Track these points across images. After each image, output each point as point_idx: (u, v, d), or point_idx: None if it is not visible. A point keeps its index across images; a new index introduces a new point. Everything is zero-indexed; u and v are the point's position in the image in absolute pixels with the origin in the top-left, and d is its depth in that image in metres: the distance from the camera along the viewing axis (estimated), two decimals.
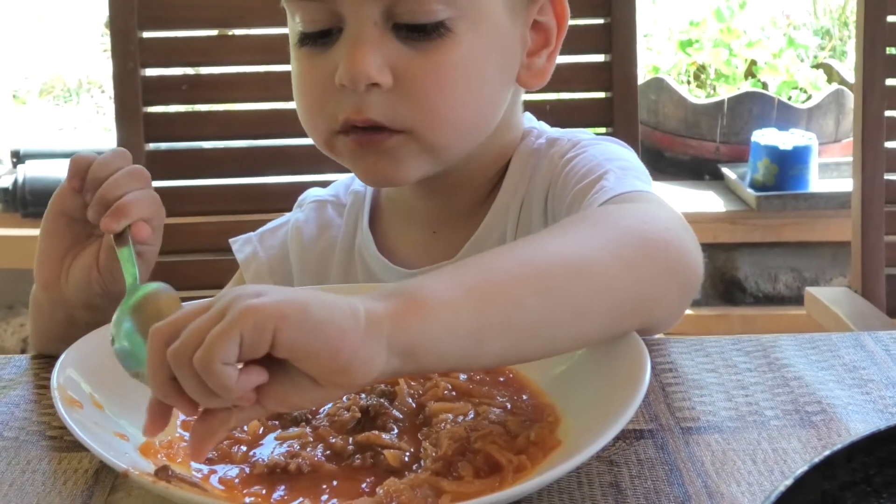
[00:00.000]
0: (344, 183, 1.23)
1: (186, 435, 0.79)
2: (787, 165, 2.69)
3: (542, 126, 1.15)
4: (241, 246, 1.21)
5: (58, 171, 2.58)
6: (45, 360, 0.97)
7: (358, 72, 0.96)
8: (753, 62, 3.08)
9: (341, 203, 1.20)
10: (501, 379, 0.86)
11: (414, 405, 0.82)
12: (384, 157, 1.01)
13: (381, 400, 0.81)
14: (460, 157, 1.05)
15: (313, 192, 1.24)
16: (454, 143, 1.03)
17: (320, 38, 1.00)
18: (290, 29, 1.05)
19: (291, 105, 1.60)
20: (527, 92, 1.12)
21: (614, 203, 0.93)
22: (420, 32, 0.97)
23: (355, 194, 1.20)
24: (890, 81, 1.86)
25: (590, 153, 1.04)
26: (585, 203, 0.97)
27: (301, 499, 0.71)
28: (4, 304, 2.81)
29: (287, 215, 1.23)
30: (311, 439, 0.78)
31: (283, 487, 0.73)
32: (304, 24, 1.00)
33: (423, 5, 0.96)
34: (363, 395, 0.83)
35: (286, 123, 1.60)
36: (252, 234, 1.22)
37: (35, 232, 1.02)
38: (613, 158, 1.03)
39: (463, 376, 0.86)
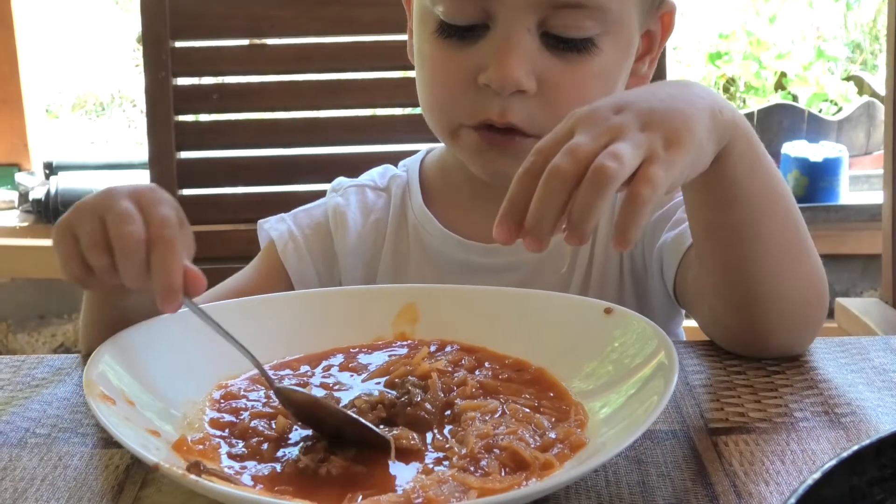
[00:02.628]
0: (376, 171, 1.25)
1: (216, 433, 0.79)
2: (818, 178, 2.68)
3: None
4: (275, 224, 1.20)
5: (89, 182, 2.62)
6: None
7: (509, 77, 0.99)
8: (783, 74, 3.07)
9: (378, 187, 1.22)
10: (528, 377, 0.86)
11: (444, 397, 0.82)
12: (509, 157, 1.04)
13: (415, 390, 0.82)
14: None
15: (346, 179, 1.25)
16: None
17: (464, 32, 1.02)
18: (419, 14, 1.07)
19: (321, 114, 1.63)
20: None
21: None
22: (568, 44, 1.01)
23: (395, 178, 1.22)
24: None
25: None
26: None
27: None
28: (36, 314, 2.83)
29: (320, 200, 1.24)
30: None
31: (313, 484, 0.73)
32: (450, 16, 1.02)
33: (578, 21, 1.00)
34: (391, 392, 0.83)
35: (317, 132, 1.61)
36: (284, 214, 1.22)
37: None
38: None
39: (489, 374, 0.86)
